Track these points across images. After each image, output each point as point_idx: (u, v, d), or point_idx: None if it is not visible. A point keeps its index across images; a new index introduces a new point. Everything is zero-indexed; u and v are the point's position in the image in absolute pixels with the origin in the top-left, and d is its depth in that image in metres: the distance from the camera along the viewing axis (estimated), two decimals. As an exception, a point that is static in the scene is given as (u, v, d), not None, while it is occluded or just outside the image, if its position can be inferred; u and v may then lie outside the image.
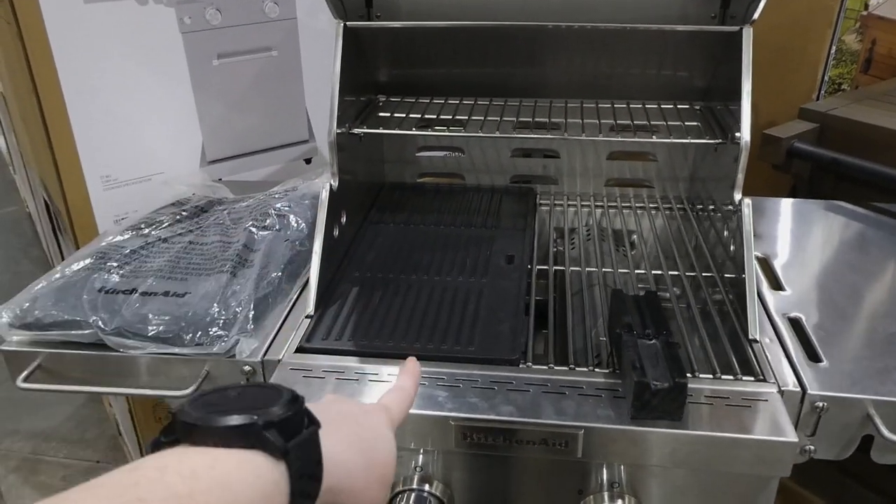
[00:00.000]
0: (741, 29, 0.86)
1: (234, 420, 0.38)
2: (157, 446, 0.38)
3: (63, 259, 1.87)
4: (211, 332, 0.75)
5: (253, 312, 0.77)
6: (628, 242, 1.04)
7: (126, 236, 0.95)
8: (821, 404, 0.69)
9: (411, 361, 0.63)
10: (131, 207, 1.17)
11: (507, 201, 1.11)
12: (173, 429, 0.39)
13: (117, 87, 1.11)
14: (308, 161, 1.34)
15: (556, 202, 1.13)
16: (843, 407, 0.69)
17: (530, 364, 0.75)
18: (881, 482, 1.11)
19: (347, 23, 0.93)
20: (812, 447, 0.71)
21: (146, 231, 0.95)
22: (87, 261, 0.88)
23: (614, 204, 1.12)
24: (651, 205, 1.11)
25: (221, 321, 0.76)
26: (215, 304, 0.77)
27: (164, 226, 0.96)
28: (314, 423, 0.42)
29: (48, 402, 1.93)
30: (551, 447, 0.67)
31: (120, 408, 1.42)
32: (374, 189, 1.14)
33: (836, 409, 0.69)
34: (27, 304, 0.80)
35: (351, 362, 0.75)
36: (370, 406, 0.54)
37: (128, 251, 0.89)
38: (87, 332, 0.77)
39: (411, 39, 1.02)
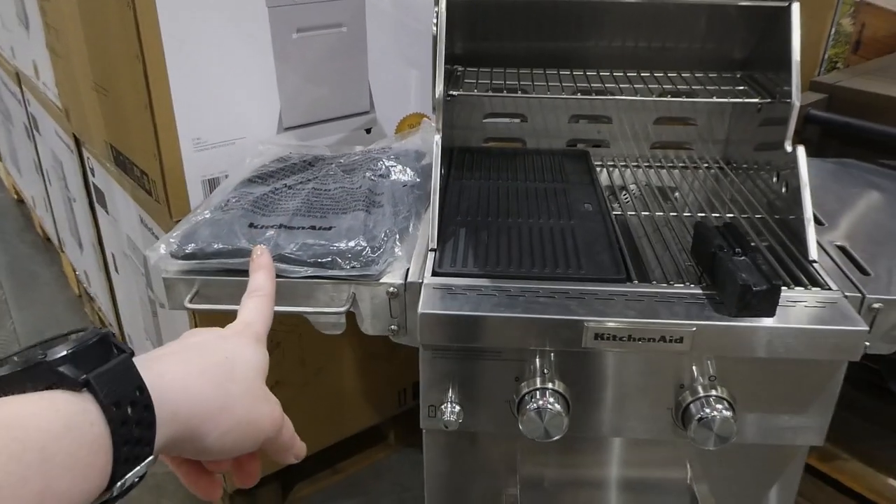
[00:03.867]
0: (790, 4, 1.02)
1: (20, 364, 0.38)
2: None
3: (101, 237, 1.92)
4: (363, 256, 0.86)
5: (398, 238, 0.89)
6: (672, 197, 1.19)
7: (244, 188, 1.04)
8: (877, 305, 0.85)
9: (260, 251, 0.64)
10: (217, 169, 1.26)
11: (567, 162, 1.25)
12: None
13: (211, 55, 1.20)
14: (368, 131, 1.45)
15: (608, 163, 1.27)
16: (894, 307, 0.85)
17: (636, 282, 0.89)
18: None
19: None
20: (868, 343, 0.87)
21: (265, 180, 1.04)
22: (222, 207, 0.97)
23: (660, 164, 1.27)
24: (692, 164, 1.26)
25: (371, 248, 0.87)
26: (361, 235, 0.88)
27: (282, 176, 1.06)
28: (124, 353, 0.43)
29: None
30: (668, 343, 0.81)
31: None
32: (446, 152, 1.26)
33: (889, 309, 0.85)
34: (185, 238, 0.89)
35: (483, 282, 0.88)
36: (228, 330, 0.56)
37: (257, 195, 0.99)
38: (247, 259, 0.87)
39: (481, 14, 1.15)
